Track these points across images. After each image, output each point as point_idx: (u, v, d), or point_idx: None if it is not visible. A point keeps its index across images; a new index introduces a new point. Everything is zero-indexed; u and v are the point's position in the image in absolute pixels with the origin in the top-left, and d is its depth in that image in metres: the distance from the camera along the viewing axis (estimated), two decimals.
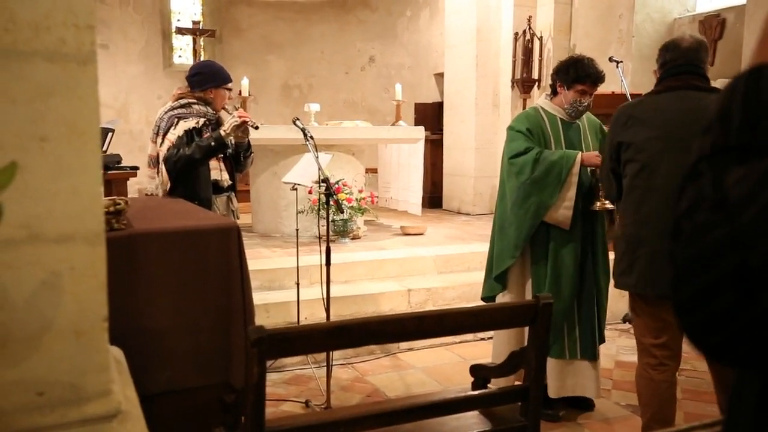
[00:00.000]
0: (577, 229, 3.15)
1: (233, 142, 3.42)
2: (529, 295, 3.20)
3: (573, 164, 3.05)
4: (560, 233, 3.14)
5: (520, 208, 3.13)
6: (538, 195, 3.08)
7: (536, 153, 3.09)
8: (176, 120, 3.34)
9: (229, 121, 3.33)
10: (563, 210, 3.07)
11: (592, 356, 3.24)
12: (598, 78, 3.12)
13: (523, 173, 3.10)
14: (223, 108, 3.55)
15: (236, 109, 3.59)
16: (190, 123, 3.33)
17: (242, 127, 3.35)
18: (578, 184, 3.09)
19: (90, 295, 1.08)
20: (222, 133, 3.29)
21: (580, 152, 3.10)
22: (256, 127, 3.44)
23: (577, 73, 3.10)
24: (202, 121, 3.38)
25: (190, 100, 3.44)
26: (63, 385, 1.06)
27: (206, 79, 3.49)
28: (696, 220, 0.60)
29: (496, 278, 3.27)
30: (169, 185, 3.31)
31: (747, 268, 0.54)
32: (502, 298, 3.29)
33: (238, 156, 3.59)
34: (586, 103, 3.15)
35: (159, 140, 3.35)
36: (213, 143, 3.27)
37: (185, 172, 3.29)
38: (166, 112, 3.42)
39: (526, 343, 2.22)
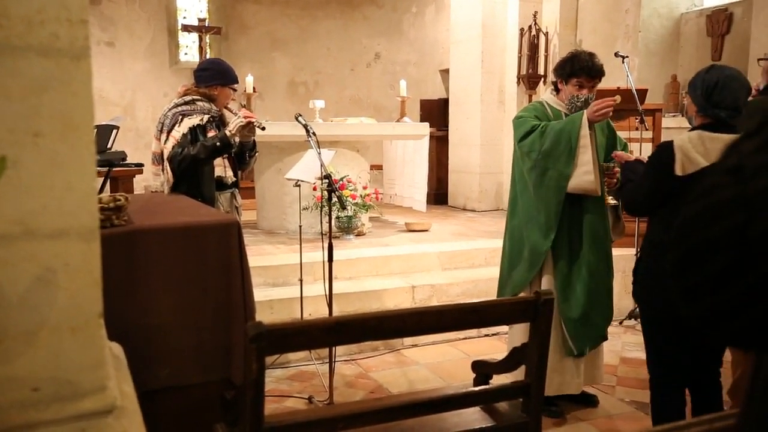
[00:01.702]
0: (599, 218, 3.12)
1: (238, 141, 3.42)
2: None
3: (580, 127, 2.95)
4: (574, 224, 3.11)
5: (541, 187, 3.05)
6: (554, 167, 3.00)
7: (541, 127, 3.03)
8: (181, 117, 3.34)
9: (234, 122, 3.33)
10: (585, 176, 2.96)
11: (581, 352, 3.19)
12: (593, 70, 3.06)
13: (533, 150, 3.04)
14: (226, 107, 3.56)
15: (242, 107, 3.59)
16: (194, 120, 3.34)
17: (248, 128, 3.35)
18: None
19: (85, 291, 1.07)
20: (227, 133, 3.30)
21: (584, 112, 2.99)
22: (263, 128, 3.43)
23: (573, 66, 3.08)
24: (206, 118, 3.38)
25: (195, 97, 3.44)
26: (58, 381, 1.06)
27: (214, 76, 3.49)
28: (706, 181, 0.59)
29: (528, 272, 3.18)
30: (171, 182, 3.32)
31: (747, 234, 0.53)
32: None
33: (243, 155, 3.61)
34: (583, 98, 3.11)
35: (163, 137, 3.36)
36: (218, 143, 3.28)
37: (189, 170, 3.30)
38: (170, 109, 3.43)
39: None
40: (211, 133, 3.38)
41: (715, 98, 2.33)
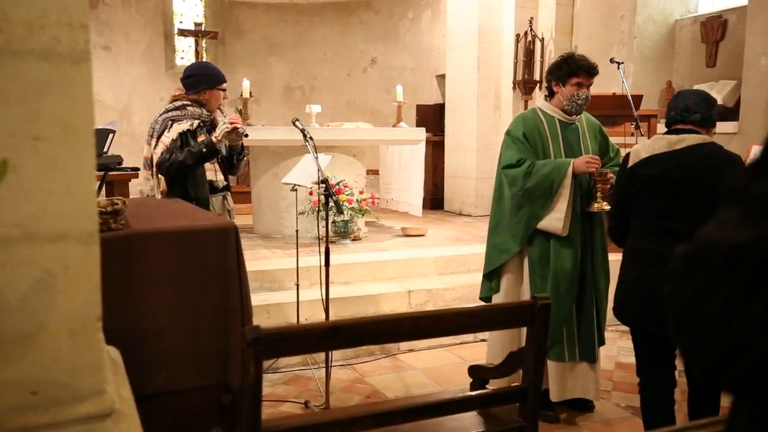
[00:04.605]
0: (577, 232, 3.14)
1: (227, 145, 3.47)
2: (524, 297, 3.20)
3: (564, 177, 3.06)
4: (559, 237, 3.13)
5: (514, 216, 3.18)
6: (530, 207, 3.13)
7: (528, 166, 3.11)
8: (170, 123, 3.37)
9: (220, 128, 3.36)
10: (554, 222, 3.10)
11: (592, 358, 3.24)
12: (591, 68, 3.13)
13: (515, 185, 3.14)
14: (219, 108, 3.58)
15: (238, 111, 3.61)
16: (183, 125, 3.36)
17: (233, 133, 3.37)
18: (576, 185, 3.10)
19: (84, 294, 1.07)
20: (213, 139, 3.32)
21: (573, 161, 3.09)
22: (246, 135, 3.47)
23: (570, 67, 3.12)
24: (196, 123, 3.41)
25: (185, 102, 3.47)
26: (57, 385, 1.06)
27: (200, 80, 3.51)
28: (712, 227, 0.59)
29: (489, 277, 3.31)
30: (164, 188, 3.37)
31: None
32: (497, 300, 3.30)
33: (231, 159, 3.63)
34: (584, 96, 3.14)
35: (153, 142, 3.39)
36: (204, 149, 3.30)
37: (179, 175, 3.33)
38: (160, 115, 3.46)
39: (521, 344, 2.21)
40: (201, 138, 3.40)
41: (670, 106, 2.61)
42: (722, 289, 0.55)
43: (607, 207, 3.16)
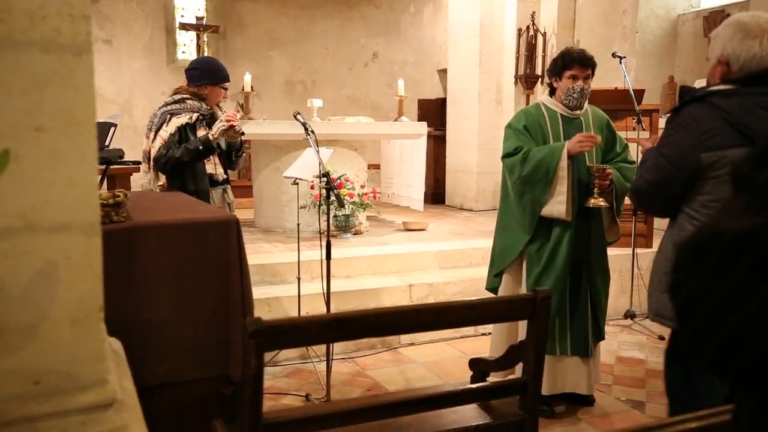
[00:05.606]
0: (571, 227, 3.13)
1: (227, 142, 3.50)
2: (524, 290, 3.22)
3: (559, 159, 3.06)
4: (556, 231, 3.13)
5: (518, 205, 3.20)
6: (531, 192, 3.13)
7: (524, 153, 3.12)
8: (169, 116, 3.38)
9: (217, 126, 3.38)
10: (557, 205, 3.09)
11: (584, 353, 3.23)
12: (583, 59, 3.13)
13: (513, 173, 3.16)
14: (217, 105, 3.59)
15: (240, 106, 3.63)
16: (182, 119, 3.37)
17: (229, 132, 3.38)
18: (575, 180, 3.10)
19: (86, 284, 1.08)
20: (210, 137, 3.34)
21: (566, 143, 3.08)
22: (242, 133, 3.50)
23: (564, 60, 3.15)
24: (195, 116, 3.42)
25: (184, 96, 3.48)
26: (59, 374, 1.07)
27: (203, 75, 3.52)
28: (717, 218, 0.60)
29: (497, 273, 3.31)
30: (160, 182, 3.40)
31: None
32: (500, 291, 3.32)
33: (230, 154, 3.64)
34: (579, 89, 3.14)
35: (152, 136, 3.40)
36: (201, 147, 3.32)
37: (176, 171, 3.35)
38: (159, 108, 3.48)
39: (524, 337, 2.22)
40: (200, 132, 3.42)
41: None
42: (726, 278, 0.55)
43: (604, 204, 3.14)
